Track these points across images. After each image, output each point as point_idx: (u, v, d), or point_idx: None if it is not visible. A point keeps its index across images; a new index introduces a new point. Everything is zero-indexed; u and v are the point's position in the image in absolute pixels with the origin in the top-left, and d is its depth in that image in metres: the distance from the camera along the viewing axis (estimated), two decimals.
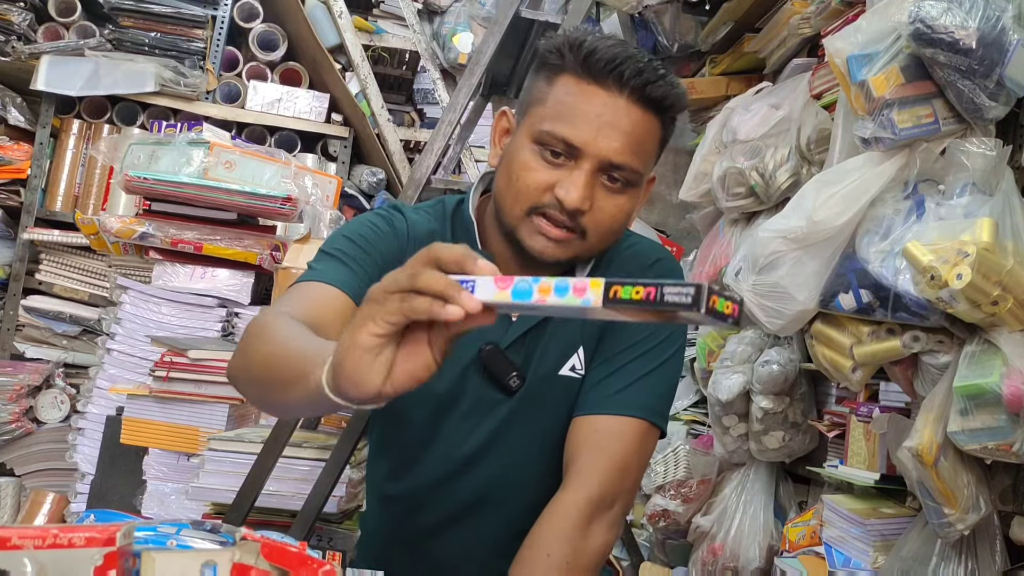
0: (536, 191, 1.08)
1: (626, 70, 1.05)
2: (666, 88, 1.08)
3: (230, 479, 1.85)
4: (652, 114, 1.09)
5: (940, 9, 1.54)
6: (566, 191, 1.06)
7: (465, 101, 2.00)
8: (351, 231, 1.16)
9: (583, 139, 1.06)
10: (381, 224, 1.18)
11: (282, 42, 3.55)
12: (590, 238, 1.10)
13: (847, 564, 1.85)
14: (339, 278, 1.09)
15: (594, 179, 1.07)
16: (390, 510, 1.30)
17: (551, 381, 1.19)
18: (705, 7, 2.90)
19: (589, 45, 1.07)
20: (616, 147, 1.06)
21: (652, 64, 1.08)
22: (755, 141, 2.32)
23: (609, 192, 1.09)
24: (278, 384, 0.89)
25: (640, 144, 1.09)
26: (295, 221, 2.59)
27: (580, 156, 1.06)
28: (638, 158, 1.09)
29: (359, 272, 1.11)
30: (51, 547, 0.68)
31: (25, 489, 2.92)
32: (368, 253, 1.13)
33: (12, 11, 3.19)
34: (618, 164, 1.07)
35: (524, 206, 1.09)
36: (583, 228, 1.09)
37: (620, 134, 1.06)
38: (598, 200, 1.08)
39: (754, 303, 1.86)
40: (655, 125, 1.10)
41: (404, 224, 1.19)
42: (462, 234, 1.21)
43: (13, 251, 3.29)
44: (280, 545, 0.80)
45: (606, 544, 1.10)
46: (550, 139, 1.07)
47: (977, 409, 1.49)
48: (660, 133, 1.12)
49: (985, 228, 1.49)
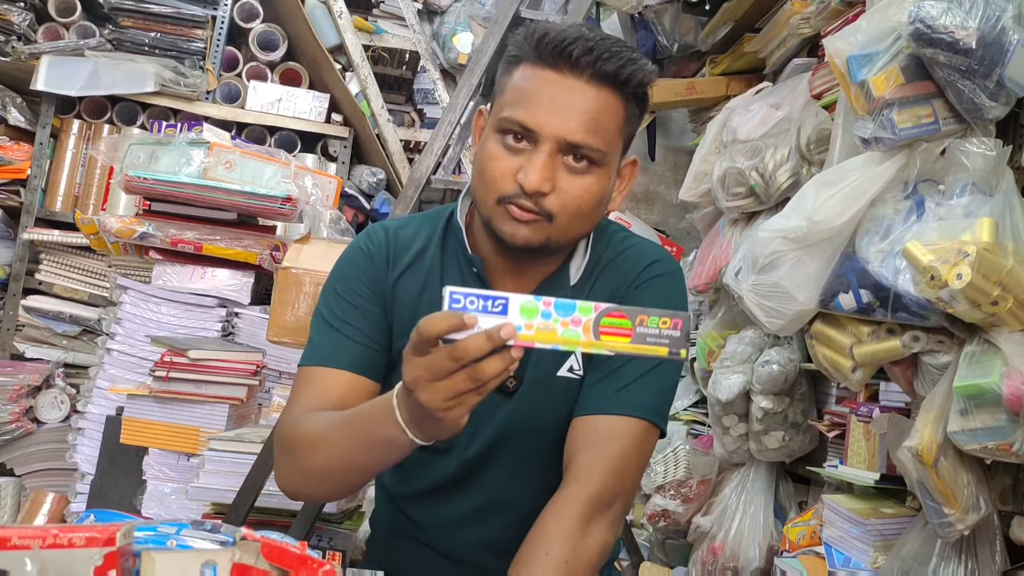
0: (503, 179, 1.09)
1: (575, 49, 1.06)
2: (619, 63, 1.08)
3: (230, 479, 1.85)
4: (608, 91, 1.09)
5: (940, 9, 1.54)
6: (525, 175, 1.07)
7: (465, 101, 2.00)
8: (340, 281, 1.22)
9: (538, 121, 1.07)
10: (360, 261, 1.22)
11: (282, 42, 3.55)
12: (558, 220, 1.10)
13: (847, 564, 1.85)
14: (339, 356, 1.16)
15: (554, 161, 1.08)
16: (399, 510, 1.30)
17: (550, 382, 1.19)
18: (705, 7, 2.90)
19: (540, 31, 1.09)
20: (571, 126, 1.07)
21: (604, 42, 1.08)
22: (755, 141, 2.32)
23: (573, 173, 1.09)
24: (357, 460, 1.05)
25: (597, 122, 1.08)
26: (295, 221, 2.58)
27: (538, 139, 1.08)
28: (597, 136, 1.08)
29: (357, 336, 1.18)
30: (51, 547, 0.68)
31: (25, 489, 2.92)
32: (356, 307, 1.19)
33: (12, 11, 3.19)
34: (575, 143, 1.07)
35: (494, 196, 1.11)
36: (548, 211, 1.09)
37: (575, 113, 1.07)
38: (562, 182, 1.09)
39: (754, 303, 1.86)
40: (614, 102, 1.10)
41: (384, 241, 1.23)
42: (453, 241, 1.23)
43: (13, 251, 3.29)
44: (280, 545, 0.80)
45: (605, 543, 1.10)
46: (509, 124, 1.09)
47: (977, 409, 1.49)
48: (622, 110, 1.11)
49: (985, 228, 1.49)
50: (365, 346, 1.17)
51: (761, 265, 1.83)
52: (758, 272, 1.84)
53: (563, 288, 1.19)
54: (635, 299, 1.18)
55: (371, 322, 1.19)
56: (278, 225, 2.74)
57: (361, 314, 1.19)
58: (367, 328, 1.18)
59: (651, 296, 1.18)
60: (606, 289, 1.20)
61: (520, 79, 1.10)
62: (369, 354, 1.18)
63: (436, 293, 1.19)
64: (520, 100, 1.09)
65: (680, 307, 1.21)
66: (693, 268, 2.66)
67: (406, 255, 1.22)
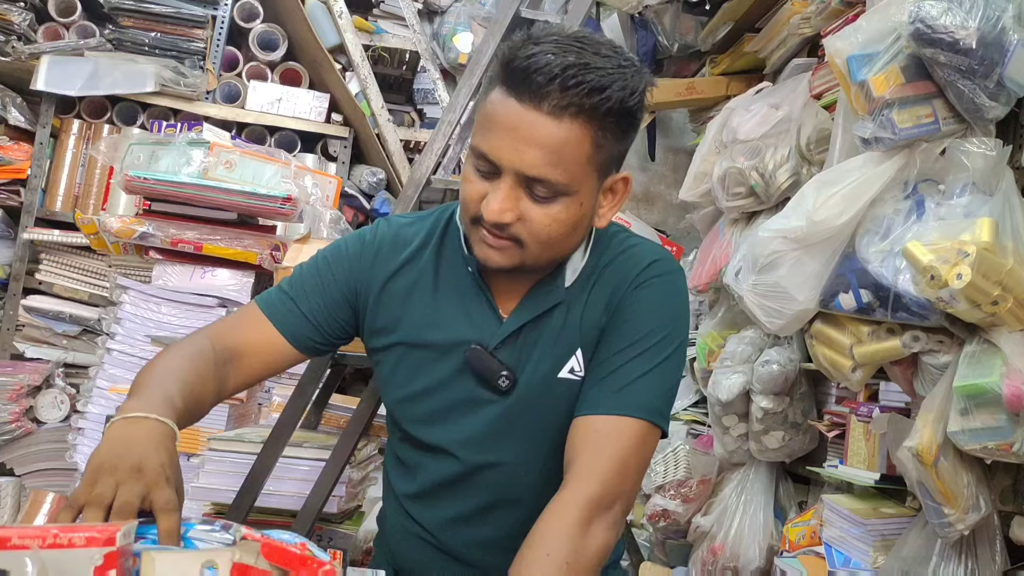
0: (473, 203, 1.10)
1: (538, 78, 1.01)
2: (581, 93, 1.02)
3: (230, 479, 1.85)
4: (573, 122, 1.03)
5: (940, 9, 1.54)
6: (487, 203, 1.07)
7: (465, 101, 2.00)
8: (328, 254, 1.27)
9: (498, 155, 1.05)
10: (353, 248, 1.26)
11: (282, 42, 3.55)
12: (529, 247, 1.10)
13: (847, 564, 1.85)
14: (282, 316, 1.23)
15: (516, 192, 1.07)
16: (404, 509, 1.31)
17: (550, 383, 1.19)
18: (705, 7, 2.90)
19: (509, 55, 1.05)
20: (529, 160, 1.04)
21: (570, 70, 1.01)
22: (755, 141, 2.32)
23: (537, 202, 1.07)
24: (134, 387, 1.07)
25: (559, 155, 1.04)
26: (295, 221, 2.58)
27: (499, 170, 1.06)
28: (558, 168, 1.04)
29: (305, 308, 1.23)
30: (51, 547, 0.68)
31: (25, 489, 2.91)
32: (322, 283, 1.24)
33: (12, 11, 3.19)
34: (535, 177, 1.05)
35: (468, 216, 1.12)
36: (518, 238, 1.09)
37: (535, 147, 1.03)
38: (527, 211, 1.07)
39: (754, 303, 1.86)
40: (580, 132, 1.04)
41: (383, 237, 1.26)
42: (452, 240, 1.23)
43: (13, 251, 3.29)
44: (280, 545, 0.80)
45: (606, 544, 1.09)
46: (475, 152, 1.09)
47: (977, 409, 1.49)
48: (589, 140, 1.05)
49: (985, 228, 1.49)
50: (304, 316, 1.23)
51: (761, 265, 1.83)
52: (758, 272, 1.84)
53: (557, 290, 1.19)
54: (634, 299, 1.17)
55: (326, 304, 1.24)
56: (278, 225, 2.74)
57: (322, 291, 1.24)
58: (319, 305, 1.23)
59: (650, 296, 1.17)
60: (605, 290, 1.20)
61: (490, 103, 1.07)
62: (303, 324, 1.23)
63: (426, 292, 1.22)
64: (485, 127, 1.07)
65: (680, 307, 1.20)
66: (693, 268, 2.66)
67: (403, 254, 1.24)
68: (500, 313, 1.20)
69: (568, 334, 1.19)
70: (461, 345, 1.19)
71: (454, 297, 1.21)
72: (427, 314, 1.22)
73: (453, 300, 1.21)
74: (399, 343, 1.23)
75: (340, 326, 1.26)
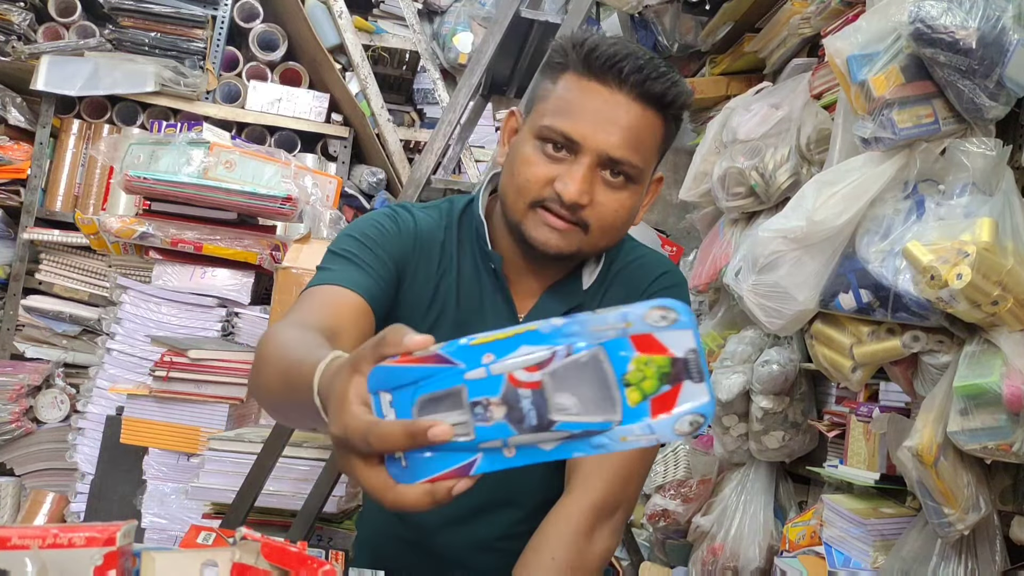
0: (537, 185, 1.09)
1: (625, 66, 1.06)
2: (666, 84, 1.08)
3: (230, 479, 1.85)
4: (652, 110, 1.09)
5: (940, 9, 1.54)
6: (565, 185, 1.07)
7: (465, 101, 2.00)
8: (358, 231, 1.16)
9: (582, 133, 1.07)
10: (387, 224, 1.18)
11: (282, 42, 3.55)
12: (592, 232, 1.11)
13: (847, 564, 1.85)
14: (351, 279, 1.09)
15: (594, 174, 1.09)
16: (389, 512, 1.30)
17: None
18: (705, 7, 2.90)
19: (591, 43, 1.08)
20: (614, 141, 1.07)
21: (653, 61, 1.08)
22: (755, 141, 2.32)
23: (610, 187, 1.10)
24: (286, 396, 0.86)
25: (639, 139, 1.09)
26: (295, 221, 2.58)
27: (579, 150, 1.08)
28: (637, 153, 1.09)
29: (370, 272, 1.11)
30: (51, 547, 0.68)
31: (25, 489, 2.92)
32: (376, 254, 1.13)
33: (12, 11, 3.19)
34: (616, 158, 1.08)
35: (527, 200, 1.10)
36: (585, 222, 1.10)
37: (619, 129, 1.07)
38: (599, 195, 1.09)
39: (754, 303, 1.86)
40: (656, 121, 1.10)
41: (412, 223, 1.20)
42: (470, 234, 1.21)
43: (13, 251, 3.29)
44: (280, 545, 0.80)
45: (608, 550, 1.10)
46: (551, 134, 1.08)
47: (977, 409, 1.49)
48: (662, 130, 1.12)
49: (985, 228, 1.49)
50: (369, 275, 1.10)
51: (761, 265, 1.83)
52: (758, 272, 1.84)
53: (576, 292, 1.20)
54: None
55: (385, 269, 1.13)
56: (278, 225, 2.74)
57: (376, 259, 1.13)
58: (380, 269, 1.12)
59: None
60: (617, 298, 1.21)
61: (565, 89, 1.09)
62: (373, 282, 1.10)
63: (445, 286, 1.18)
64: (564, 110, 1.08)
65: None
66: (693, 268, 2.66)
67: (429, 241, 1.20)
68: (516, 311, 1.20)
69: None
70: None
71: (471, 292, 1.20)
72: (445, 307, 1.19)
73: (470, 295, 1.20)
74: None
75: (391, 288, 1.15)
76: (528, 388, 0.60)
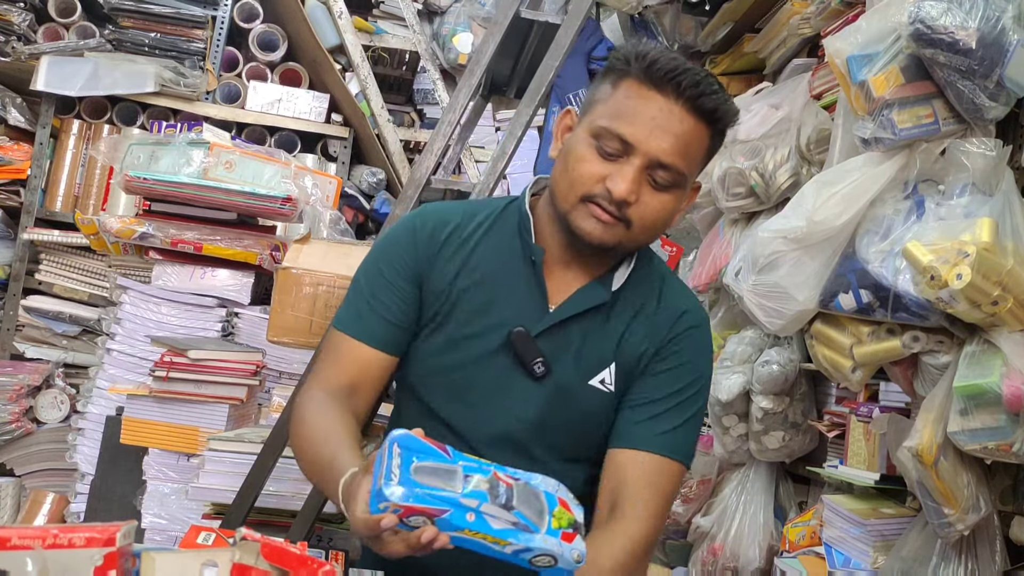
0: (589, 181, 1.17)
1: (684, 80, 1.15)
2: (718, 101, 1.18)
3: (230, 479, 1.85)
4: (703, 123, 1.18)
5: (940, 9, 1.54)
6: (615, 183, 1.15)
7: (465, 101, 2.00)
8: (380, 251, 1.31)
9: (637, 137, 1.15)
10: (403, 237, 1.29)
11: (282, 42, 3.55)
12: (634, 229, 1.19)
13: (847, 564, 1.86)
14: (370, 332, 1.26)
15: (642, 175, 1.17)
16: None
17: (581, 389, 1.24)
18: (705, 7, 2.90)
19: (653, 55, 1.17)
20: (666, 148, 1.16)
21: (708, 79, 1.18)
22: (755, 141, 2.32)
23: (655, 189, 1.18)
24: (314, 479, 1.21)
25: (688, 148, 1.17)
26: (295, 221, 2.58)
27: (632, 152, 1.16)
28: (685, 161, 1.18)
29: (388, 315, 1.26)
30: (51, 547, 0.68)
31: (25, 489, 2.92)
32: (395, 285, 1.27)
33: (12, 11, 3.19)
34: (666, 164, 1.16)
35: (578, 194, 1.18)
36: (628, 219, 1.18)
37: (671, 136, 1.16)
38: (644, 195, 1.18)
39: (754, 303, 1.87)
40: (704, 134, 1.19)
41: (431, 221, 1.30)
42: (507, 228, 1.28)
43: (13, 251, 3.29)
44: (280, 545, 0.80)
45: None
46: (607, 134, 1.17)
47: (977, 409, 1.49)
48: (708, 142, 1.21)
49: (985, 228, 1.49)
50: (389, 322, 1.26)
51: (761, 265, 1.83)
52: (758, 272, 1.84)
53: (604, 294, 1.26)
54: (674, 354, 1.27)
55: (400, 300, 1.26)
56: (278, 225, 2.74)
57: (392, 291, 1.27)
58: (395, 305, 1.26)
59: (688, 351, 1.28)
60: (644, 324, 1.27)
61: (624, 94, 1.18)
62: (391, 331, 1.26)
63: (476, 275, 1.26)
64: (623, 114, 1.17)
65: (708, 355, 1.33)
66: (693, 268, 2.66)
67: (452, 238, 1.28)
68: (548, 303, 1.25)
69: (605, 345, 1.26)
70: (504, 326, 1.24)
71: (505, 282, 1.26)
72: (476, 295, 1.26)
73: (504, 285, 1.26)
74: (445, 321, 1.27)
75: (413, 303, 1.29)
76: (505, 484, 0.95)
